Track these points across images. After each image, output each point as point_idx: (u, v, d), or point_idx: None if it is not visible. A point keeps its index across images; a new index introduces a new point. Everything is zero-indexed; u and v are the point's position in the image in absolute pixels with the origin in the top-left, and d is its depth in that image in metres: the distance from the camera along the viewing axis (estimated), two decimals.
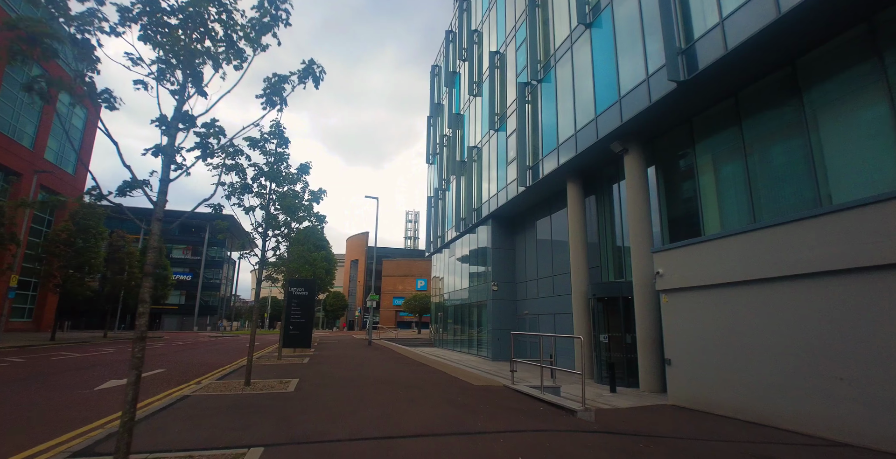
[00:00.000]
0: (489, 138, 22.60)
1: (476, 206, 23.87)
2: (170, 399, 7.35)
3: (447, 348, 28.72)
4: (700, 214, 11.47)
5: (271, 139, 9.87)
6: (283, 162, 10.07)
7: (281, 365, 12.77)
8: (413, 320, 69.80)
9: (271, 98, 4.81)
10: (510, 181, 19.41)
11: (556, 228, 18.18)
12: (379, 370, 11.46)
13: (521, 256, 21.25)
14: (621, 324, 13.00)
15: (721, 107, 11.02)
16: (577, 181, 15.75)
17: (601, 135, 13.12)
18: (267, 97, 4.79)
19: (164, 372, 11.70)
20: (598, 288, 13.84)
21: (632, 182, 12.70)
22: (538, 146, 17.25)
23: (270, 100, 4.82)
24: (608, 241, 15.21)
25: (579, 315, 14.73)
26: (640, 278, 12.06)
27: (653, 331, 11.74)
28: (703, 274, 9.22)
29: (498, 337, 20.65)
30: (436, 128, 34.87)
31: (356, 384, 8.85)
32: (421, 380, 9.50)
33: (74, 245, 23.98)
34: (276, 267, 13.60)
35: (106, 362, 13.74)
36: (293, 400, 7.18)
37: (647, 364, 11.65)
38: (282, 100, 4.83)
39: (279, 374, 10.63)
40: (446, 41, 32.88)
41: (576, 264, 15.14)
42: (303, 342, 17.12)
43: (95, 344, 22.99)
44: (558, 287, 17.54)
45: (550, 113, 16.49)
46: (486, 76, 23.59)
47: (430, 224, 34.61)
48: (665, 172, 13.10)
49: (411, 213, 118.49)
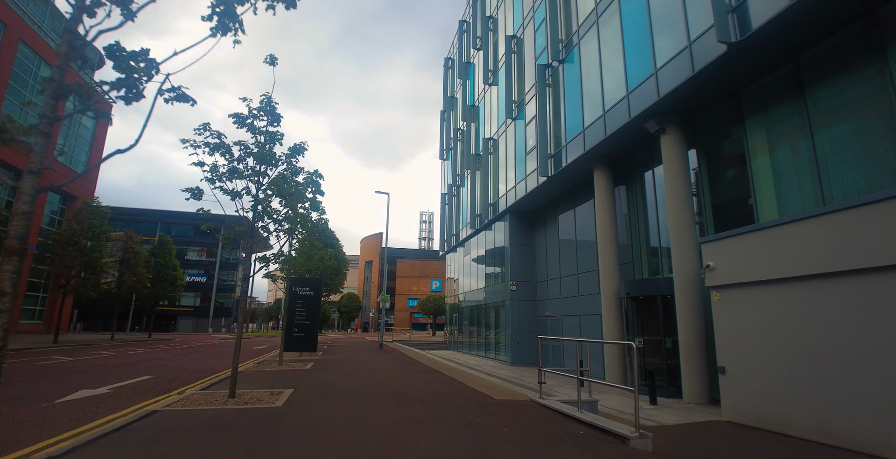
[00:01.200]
0: (506, 128, 21.24)
1: (492, 201, 22.50)
2: (135, 415, 6.18)
3: (463, 351, 27.37)
4: (753, 200, 9.96)
5: (261, 115, 8.69)
6: (274, 142, 8.87)
7: (280, 371, 11.58)
8: (428, 322, 68.58)
9: (223, 20, 3.54)
10: (529, 172, 18.02)
11: (581, 222, 16.73)
12: (386, 378, 10.18)
13: (542, 253, 19.81)
14: (659, 326, 11.53)
15: (778, 75, 9.51)
16: (605, 169, 14.30)
17: (634, 114, 11.68)
18: (218, 18, 3.53)
19: (150, 379, 10.60)
20: (632, 287, 12.39)
21: (670, 165, 11.23)
22: (560, 132, 15.84)
23: (222, 23, 3.55)
24: (640, 235, 13.73)
25: (610, 316, 13.28)
26: (682, 273, 10.59)
27: (698, 334, 10.27)
28: (766, 266, 7.74)
29: (517, 340, 19.25)
30: (449, 123, 33.60)
31: (357, 397, 7.58)
32: (433, 392, 8.18)
33: (78, 244, 23.23)
34: (272, 263, 12.45)
35: (91, 368, 12.72)
36: (277, 419, 5.94)
37: (692, 371, 10.17)
38: (237, 24, 3.56)
39: (273, 383, 9.43)
40: (459, 32, 31.63)
41: (605, 260, 13.69)
42: (308, 345, 15.93)
43: (98, 347, 22.17)
44: (584, 286, 16.08)
45: (574, 95, 15.07)
46: (502, 63, 22.24)
47: (444, 222, 33.31)
48: (708, 154, 11.60)
49: (425, 214, 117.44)
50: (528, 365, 18.83)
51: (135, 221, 58.66)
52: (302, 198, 9.75)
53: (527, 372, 16.00)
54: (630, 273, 13.76)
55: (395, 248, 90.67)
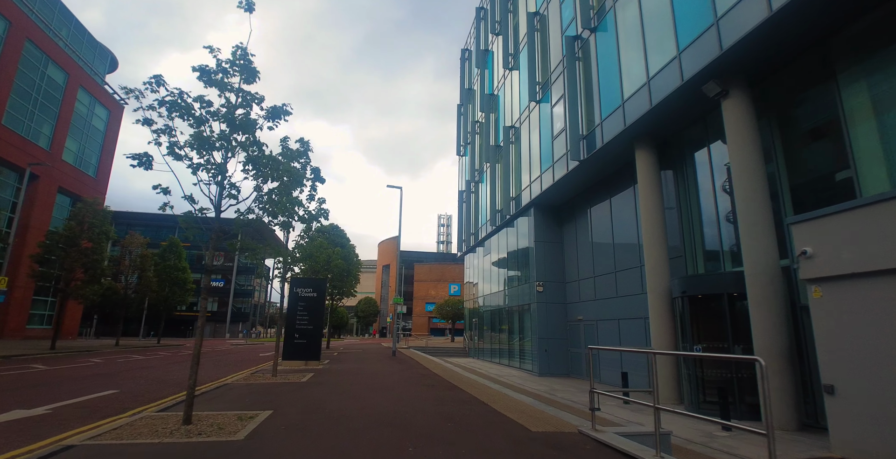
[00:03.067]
0: (529, 113, 19.34)
1: (514, 195, 20.57)
2: (38, 452, 4.49)
3: (483, 359, 25.37)
4: (854, 174, 7.87)
5: (233, 70, 7.00)
6: (251, 105, 7.17)
7: (270, 385, 9.86)
8: (446, 327, 66.61)
9: None
10: (557, 159, 16.08)
11: (619, 213, 14.70)
12: (392, 398, 8.34)
13: (572, 251, 17.79)
14: (726, 331, 9.46)
15: (886, 10, 7.45)
16: (650, 149, 12.30)
17: (688, 76, 9.70)
18: None
19: (114, 394, 8.97)
20: (689, 284, 10.33)
21: (736, 134, 9.20)
22: (593, 110, 13.90)
23: None
24: (693, 224, 11.68)
25: (659, 319, 11.23)
26: (756, 265, 8.54)
27: (781, 340, 8.19)
28: (891, 250, 5.70)
29: (545, 347, 17.22)
30: (466, 117, 31.81)
31: (348, 427, 5.75)
32: (448, 420, 6.31)
33: (78, 245, 22.03)
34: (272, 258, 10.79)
35: (60, 379, 11.20)
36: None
37: (775, 388, 8.07)
38: None
39: (253, 401, 7.69)
40: (476, 20, 29.94)
41: (651, 255, 11.66)
42: (310, 353, 14.21)
43: (94, 354, 20.81)
44: (623, 285, 14.04)
45: (610, 65, 13.13)
46: (523, 45, 20.40)
47: (462, 221, 31.45)
48: (782, 124, 9.54)
49: (443, 217, 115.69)
50: (556, 375, 16.78)
51: (153, 226, 58.29)
52: (294, 177, 8.09)
53: (557, 385, 13.99)
54: (681, 268, 11.71)
55: (413, 252, 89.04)
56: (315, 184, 12.81)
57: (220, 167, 6.48)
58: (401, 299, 25.16)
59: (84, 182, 35.56)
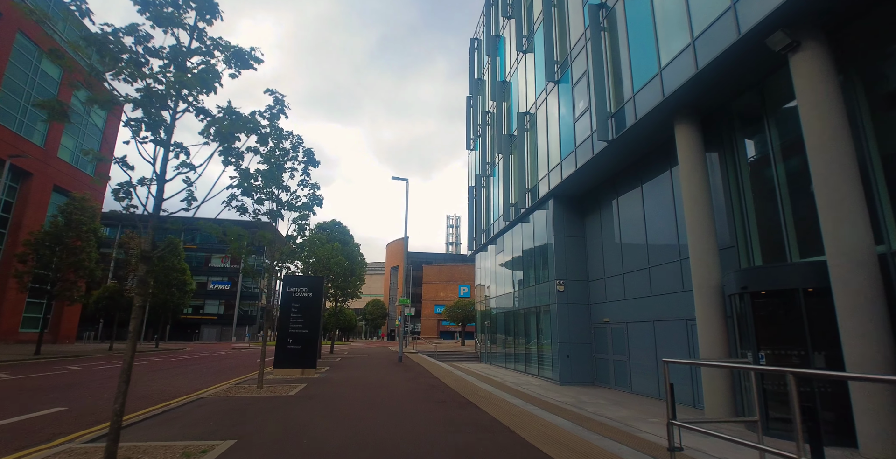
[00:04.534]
0: (546, 96, 17.71)
1: (530, 186, 18.93)
2: None
3: (497, 364, 23.68)
4: None
5: (187, 4, 5.49)
6: (211, 53, 5.66)
7: (250, 399, 8.32)
8: (456, 329, 64.95)
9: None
10: (580, 142, 14.43)
11: (653, 201, 13.02)
12: (393, 420, 6.74)
13: (596, 245, 16.10)
14: (802, 335, 7.73)
15: None
16: (692, 124, 10.62)
17: (745, 29, 8.01)
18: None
19: (59, 412, 7.47)
20: (750, 278, 8.61)
21: (810, 93, 7.51)
22: (623, 85, 12.25)
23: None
24: (747, 209, 9.97)
25: (708, 321, 9.53)
26: (845, 254, 6.84)
27: (883, 347, 6.48)
28: None
29: (567, 353, 15.53)
30: (476, 109, 30.24)
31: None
32: (459, 455, 4.69)
33: (64, 243, 20.71)
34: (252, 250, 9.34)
35: (12, 392, 9.74)
36: None
37: (878, 407, 6.36)
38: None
39: (217, 425, 6.13)
40: (486, 6, 28.43)
41: (697, 245, 9.96)
42: (305, 360, 12.66)
43: (77, 360, 19.35)
44: (658, 282, 12.34)
45: (642, 30, 11.49)
46: (538, 24, 18.81)
47: (472, 218, 29.82)
48: (868, 78, 7.84)
49: (452, 218, 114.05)
50: (580, 383, 15.08)
51: (160, 229, 57.30)
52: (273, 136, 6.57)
53: (584, 396, 12.30)
54: (732, 261, 10.00)
55: (422, 253, 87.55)
56: (307, 169, 11.20)
57: (159, 122, 4.94)
58: (407, 300, 23.59)
59: (81, 180, 34.46)
